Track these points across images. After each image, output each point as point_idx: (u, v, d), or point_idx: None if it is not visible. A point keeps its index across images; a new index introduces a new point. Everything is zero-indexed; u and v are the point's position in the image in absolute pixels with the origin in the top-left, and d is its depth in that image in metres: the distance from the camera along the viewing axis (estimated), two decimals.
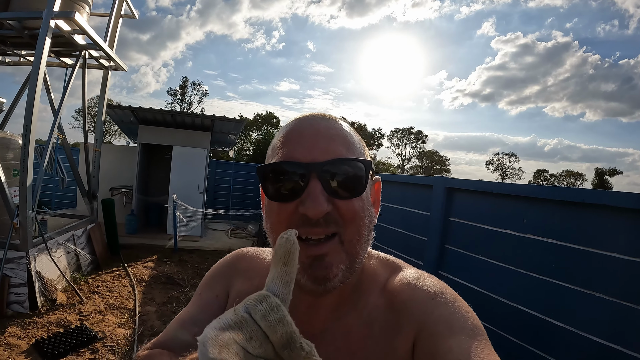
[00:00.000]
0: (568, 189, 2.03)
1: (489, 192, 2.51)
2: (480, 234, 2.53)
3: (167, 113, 8.08)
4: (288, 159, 0.57)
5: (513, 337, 2.14)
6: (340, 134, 0.60)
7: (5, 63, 5.86)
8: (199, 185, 8.85)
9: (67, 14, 4.29)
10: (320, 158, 0.55)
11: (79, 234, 5.55)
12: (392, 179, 4.00)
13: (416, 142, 56.37)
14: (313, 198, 0.53)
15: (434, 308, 0.58)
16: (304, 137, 0.58)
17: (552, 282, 1.96)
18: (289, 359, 0.36)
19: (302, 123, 0.61)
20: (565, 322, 1.86)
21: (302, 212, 0.53)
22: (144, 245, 7.53)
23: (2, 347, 3.33)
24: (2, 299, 3.84)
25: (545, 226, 2.07)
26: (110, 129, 36.89)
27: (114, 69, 6.38)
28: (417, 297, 0.60)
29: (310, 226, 0.54)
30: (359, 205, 0.57)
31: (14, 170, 4.50)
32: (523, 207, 2.23)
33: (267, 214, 0.61)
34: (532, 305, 2.07)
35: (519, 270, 2.18)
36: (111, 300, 4.70)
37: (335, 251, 0.55)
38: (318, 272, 0.54)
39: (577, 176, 54.15)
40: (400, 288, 0.63)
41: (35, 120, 4.19)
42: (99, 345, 3.61)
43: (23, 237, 4.06)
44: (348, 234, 0.56)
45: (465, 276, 2.62)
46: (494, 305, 2.30)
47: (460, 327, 0.54)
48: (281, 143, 0.60)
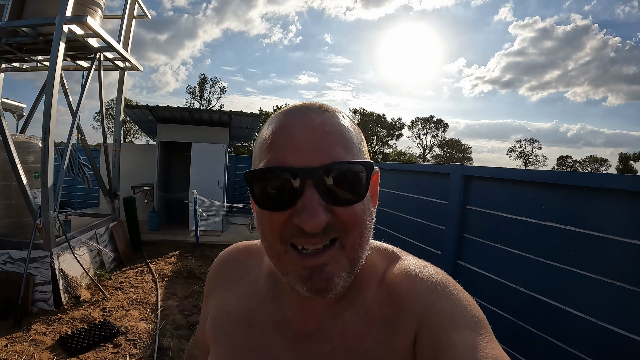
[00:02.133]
0: (586, 174, 1.95)
1: (507, 179, 2.44)
2: (499, 222, 2.47)
3: (185, 110, 8.17)
4: (278, 164, 0.50)
5: (532, 328, 2.09)
6: (337, 130, 0.53)
7: (23, 69, 6.02)
8: (219, 180, 8.94)
9: (80, 18, 4.37)
10: (315, 162, 0.49)
11: (102, 232, 5.69)
12: (408, 168, 3.95)
13: (437, 131, 55.62)
14: (310, 210, 0.47)
15: (435, 300, 0.54)
16: (295, 136, 0.51)
17: (572, 270, 1.90)
18: None
19: (292, 118, 0.54)
20: (585, 312, 1.80)
21: (298, 224, 0.49)
22: (166, 241, 7.67)
23: (28, 343, 3.45)
24: (28, 297, 3.98)
25: (564, 213, 2.00)
26: (131, 128, 37.74)
27: (129, 69, 6.48)
28: (417, 289, 0.56)
29: (307, 237, 0.49)
30: (360, 209, 0.52)
31: (35, 173, 4.64)
32: (541, 194, 2.16)
33: (258, 220, 0.55)
34: (552, 294, 2.01)
35: (538, 259, 2.11)
36: (134, 295, 4.81)
37: (336, 259, 0.51)
38: (318, 284, 0.50)
39: (601, 162, 53.29)
40: (399, 280, 0.59)
41: (53, 123, 4.30)
42: (122, 340, 3.70)
43: (46, 237, 4.19)
44: (350, 239, 0.51)
45: (484, 265, 2.57)
46: (513, 294, 2.25)
47: (463, 320, 0.51)
48: (270, 143, 0.53)
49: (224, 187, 9.00)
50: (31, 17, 4.50)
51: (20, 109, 6.29)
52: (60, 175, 4.72)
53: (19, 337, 3.53)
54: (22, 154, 4.50)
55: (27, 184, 4.27)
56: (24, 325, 3.76)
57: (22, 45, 4.91)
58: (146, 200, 9.40)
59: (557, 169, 50.01)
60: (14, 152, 4.23)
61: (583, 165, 53.76)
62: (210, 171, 8.81)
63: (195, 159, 8.76)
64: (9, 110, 6.16)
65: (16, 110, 6.27)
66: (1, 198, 4.54)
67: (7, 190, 4.53)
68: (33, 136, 5.06)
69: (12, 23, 4.35)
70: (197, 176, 8.69)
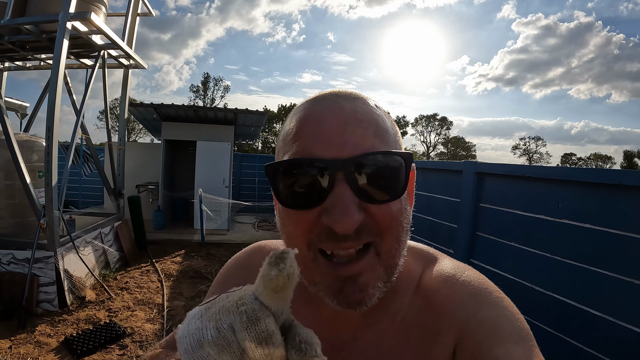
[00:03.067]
0: (603, 171, 1.91)
1: (521, 175, 2.41)
2: (513, 220, 2.44)
3: (190, 108, 8.13)
4: (305, 156, 0.45)
5: (548, 327, 2.06)
6: (371, 118, 0.47)
7: (26, 68, 6.00)
8: (224, 179, 8.90)
9: (83, 14, 4.32)
10: (347, 153, 0.43)
11: (107, 231, 5.65)
12: (419, 166, 3.88)
13: (441, 128, 55.63)
14: (342, 208, 0.42)
15: (477, 309, 0.50)
16: (325, 125, 0.46)
17: (589, 269, 1.87)
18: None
19: (321, 105, 0.48)
20: (604, 312, 1.78)
21: (327, 225, 0.43)
22: (171, 240, 7.64)
23: (32, 345, 3.41)
24: (32, 298, 3.93)
25: (581, 210, 1.97)
26: (135, 127, 37.80)
27: (133, 67, 6.44)
28: (457, 297, 0.52)
29: (337, 241, 0.43)
30: (397, 209, 0.46)
31: (39, 172, 4.59)
32: (557, 191, 2.13)
33: (282, 222, 0.49)
34: (568, 294, 1.98)
35: (554, 257, 2.09)
36: (139, 296, 4.77)
37: (371, 267, 0.45)
38: (352, 297, 0.45)
39: (606, 159, 53.31)
40: (437, 286, 0.55)
41: (57, 121, 4.26)
42: (128, 341, 3.65)
43: (50, 237, 4.14)
44: (386, 245, 0.46)
45: (498, 264, 2.54)
46: (528, 294, 2.22)
47: (507, 333, 0.47)
48: (295, 133, 0.48)
49: (230, 185, 8.96)
50: (34, 15, 4.46)
51: (24, 108, 6.26)
52: (64, 174, 4.68)
53: (23, 339, 3.49)
54: (26, 153, 4.45)
55: (30, 183, 4.23)
56: (28, 326, 3.71)
57: (25, 43, 4.88)
58: (151, 199, 9.38)
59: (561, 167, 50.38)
60: (17, 151, 4.19)
61: (587, 163, 53.92)
62: (216, 169, 8.77)
63: (200, 157, 8.72)
64: (13, 109, 6.13)
65: (20, 109, 6.24)
66: (5, 197, 4.50)
67: (11, 189, 4.49)
68: (34, 135, 5.03)
69: (15, 20, 4.32)
70: (203, 174, 8.64)
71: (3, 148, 4.33)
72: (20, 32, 4.59)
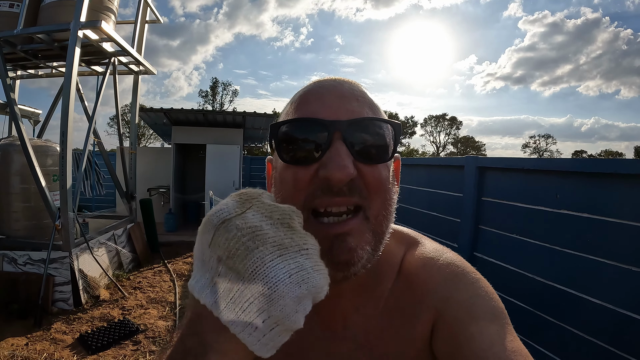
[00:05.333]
0: (599, 160, 1.94)
1: (521, 168, 2.43)
2: (515, 212, 2.45)
3: (199, 112, 8.25)
4: (308, 115, 0.50)
5: (552, 317, 2.06)
6: (366, 97, 0.53)
7: (38, 76, 6.17)
8: (234, 181, 9.01)
9: (94, 23, 4.45)
10: (344, 117, 0.48)
11: (119, 233, 5.78)
12: (422, 162, 3.93)
13: (450, 128, 55.20)
14: (338, 160, 0.45)
15: (454, 291, 0.53)
16: (326, 96, 0.51)
17: (589, 257, 1.88)
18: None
19: (323, 84, 0.54)
20: (603, 300, 1.78)
21: (324, 177, 0.46)
22: (183, 242, 7.73)
23: (49, 342, 3.53)
24: (48, 297, 4.06)
25: (580, 200, 1.98)
26: (145, 133, 38.20)
27: (143, 73, 6.58)
28: (435, 279, 0.55)
29: (331, 195, 0.46)
30: (385, 175, 0.50)
31: (53, 176, 4.73)
32: (556, 183, 2.14)
33: (280, 184, 0.52)
34: (569, 283, 1.98)
35: (555, 248, 2.09)
36: (152, 294, 4.87)
37: (360, 230, 0.48)
38: (340, 256, 0.46)
39: (617, 156, 52.46)
40: (417, 269, 0.58)
41: (71, 126, 4.39)
42: (141, 337, 3.75)
43: (65, 238, 4.27)
44: (374, 208, 0.49)
45: (501, 256, 2.54)
46: (531, 284, 2.23)
47: (481, 312, 0.50)
48: (298, 103, 0.53)
49: (240, 187, 9.04)
50: (46, 24, 4.59)
51: (37, 115, 6.43)
52: (78, 178, 4.82)
53: (39, 336, 3.61)
54: (41, 158, 4.60)
55: (45, 187, 4.37)
56: (44, 324, 3.84)
57: (37, 51, 5.03)
58: (162, 202, 9.52)
59: None
60: (32, 156, 4.33)
61: None
62: (226, 172, 8.88)
63: (210, 161, 8.84)
64: (26, 116, 6.29)
65: (32, 116, 6.41)
66: (21, 201, 4.65)
67: (27, 193, 4.64)
68: (48, 140, 5.18)
69: (28, 30, 4.45)
70: (213, 177, 8.76)
71: (19, 153, 4.48)
72: (33, 41, 4.73)
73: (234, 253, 0.37)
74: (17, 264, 4.24)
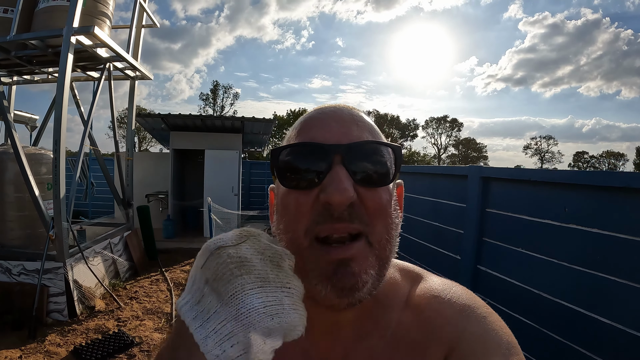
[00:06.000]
0: (609, 173, 1.86)
1: (527, 180, 2.35)
2: (520, 225, 2.38)
3: (197, 118, 8.19)
4: (308, 140, 0.50)
5: (555, 335, 2.00)
6: (366, 122, 0.54)
7: (34, 81, 6.12)
8: (233, 187, 8.95)
9: (87, 29, 4.38)
10: (344, 141, 0.49)
11: (116, 241, 5.71)
12: (424, 171, 3.88)
13: (451, 130, 55.34)
14: (337, 183, 0.45)
15: (466, 325, 0.52)
16: (326, 121, 0.52)
17: (597, 275, 1.81)
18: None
19: (323, 110, 0.55)
20: (612, 319, 1.72)
21: (324, 200, 0.46)
22: (181, 249, 7.68)
23: (42, 354, 3.45)
24: (42, 308, 3.99)
25: (588, 215, 1.91)
26: (145, 136, 38.27)
27: (139, 78, 6.52)
28: (446, 313, 0.54)
29: (332, 221, 0.46)
30: (386, 198, 0.50)
31: (47, 184, 4.66)
32: (563, 195, 2.07)
33: (283, 211, 0.52)
34: (576, 301, 1.92)
35: (562, 263, 2.02)
36: (148, 305, 4.79)
37: (363, 255, 0.47)
38: (344, 281, 0.46)
39: (618, 156, 52.69)
40: (426, 302, 0.56)
41: (64, 134, 4.32)
42: (136, 351, 3.67)
43: (59, 248, 4.20)
44: (376, 233, 0.48)
45: (505, 270, 2.47)
46: (536, 300, 2.16)
47: (495, 347, 0.49)
48: (299, 130, 0.53)
49: (239, 193, 8.99)
50: (39, 30, 4.53)
51: (33, 121, 6.38)
52: (72, 185, 4.74)
53: (33, 349, 3.53)
54: (34, 166, 4.53)
55: (39, 196, 4.29)
56: (38, 336, 3.76)
57: (31, 57, 4.97)
58: (161, 208, 9.45)
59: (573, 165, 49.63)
60: (25, 164, 4.26)
61: (600, 161, 53.25)
62: (225, 178, 8.82)
63: (209, 166, 8.78)
64: (22, 122, 6.25)
65: (29, 122, 6.35)
66: (15, 210, 4.58)
67: (21, 202, 4.57)
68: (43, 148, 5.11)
69: (21, 36, 4.39)
70: (211, 183, 8.70)
71: (12, 161, 4.41)
72: (27, 47, 4.66)
73: (220, 277, 0.39)
74: (12, 274, 4.17)
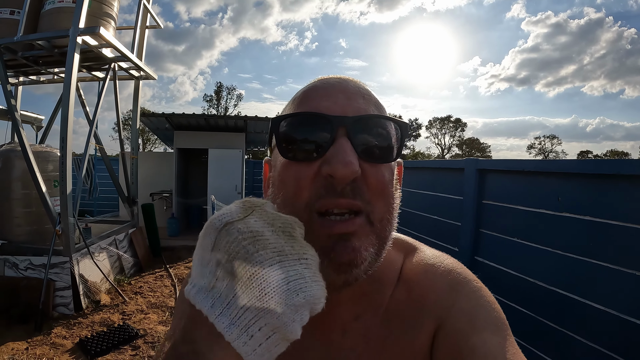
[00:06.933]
0: (601, 161, 1.89)
1: (522, 170, 2.37)
2: (516, 215, 2.40)
3: (201, 117, 8.27)
4: (312, 110, 0.48)
5: (553, 323, 2.02)
6: (372, 95, 0.52)
7: (40, 82, 6.22)
8: (236, 185, 9.01)
9: (93, 29, 4.48)
10: (350, 113, 0.47)
11: (121, 238, 5.80)
12: (422, 165, 3.90)
13: (455, 130, 54.97)
14: (342, 156, 0.43)
15: (456, 299, 0.52)
16: (331, 91, 0.50)
17: (593, 262, 1.82)
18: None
19: (327, 80, 0.53)
20: (608, 305, 1.73)
21: (327, 173, 0.44)
22: (185, 246, 7.75)
23: (48, 346, 3.53)
24: (48, 302, 4.07)
25: (582, 203, 1.93)
26: (150, 138, 38.44)
27: (144, 78, 6.61)
28: (437, 287, 0.54)
29: (334, 196, 0.44)
30: (388, 177, 0.49)
31: (54, 182, 4.75)
32: (557, 184, 2.09)
33: (281, 184, 0.49)
34: (572, 288, 1.93)
35: (557, 252, 2.04)
36: (153, 299, 4.87)
37: (364, 232, 0.46)
38: (343, 256, 0.44)
39: (623, 155, 52.06)
40: (418, 277, 0.56)
41: (70, 132, 4.41)
42: (140, 342, 3.75)
43: (65, 243, 4.29)
44: (378, 211, 0.47)
45: (502, 261, 2.50)
46: (532, 289, 2.19)
47: (484, 322, 0.49)
48: (301, 99, 0.51)
49: (242, 191, 9.06)
50: (45, 30, 4.63)
51: (39, 121, 6.49)
52: (78, 183, 4.84)
53: (39, 341, 3.62)
54: (42, 163, 4.63)
55: (46, 192, 4.39)
56: (44, 329, 3.85)
57: (38, 58, 5.07)
58: (165, 206, 9.54)
59: None
60: (33, 162, 4.36)
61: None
62: (228, 176, 8.89)
63: (212, 165, 8.85)
64: (28, 122, 6.35)
65: (35, 122, 6.46)
66: (22, 206, 4.67)
67: (28, 198, 4.66)
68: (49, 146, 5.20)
69: (27, 37, 4.49)
70: (215, 182, 8.77)
71: (20, 159, 4.51)
72: (33, 48, 4.77)
73: (233, 256, 0.36)
74: (19, 269, 4.26)
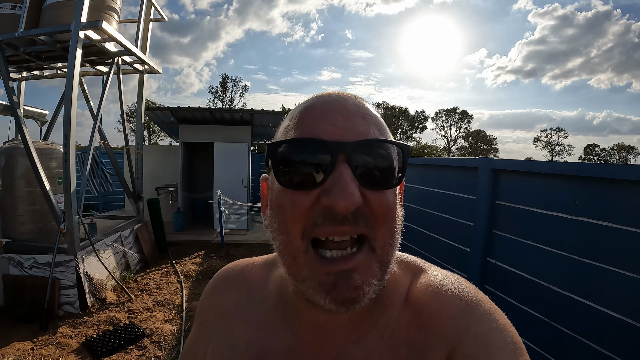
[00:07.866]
0: (621, 166, 1.82)
1: (537, 172, 2.31)
2: (530, 217, 2.33)
3: (206, 111, 8.20)
4: (309, 134, 0.45)
5: (566, 329, 1.97)
6: (372, 114, 0.49)
7: (43, 77, 6.15)
8: (242, 179, 8.96)
9: (95, 23, 4.39)
10: (350, 138, 0.44)
11: (127, 234, 5.77)
12: (434, 163, 3.84)
13: (461, 122, 54.90)
14: (343, 186, 0.41)
15: (469, 323, 0.48)
16: (330, 114, 0.47)
17: (609, 268, 1.77)
18: None
19: (325, 99, 0.49)
20: (624, 314, 1.68)
21: (327, 205, 0.42)
22: (191, 241, 7.74)
23: (54, 346, 3.50)
24: (53, 301, 4.04)
25: (600, 208, 1.87)
26: (155, 130, 38.55)
27: (148, 72, 6.53)
28: (448, 310, 0.50)
29: (334, 223, 0.42)
30: (392, 200, 0.46)
31: (58, 178, 4.71)
32: (575, 188, 2.03)
33: (277, 208, 0.47)
34: (587, 294, 1.88)
35: (573, 256, 1.98)
36: (159, 297, 4.84)
37: (366, 264, 0.44)
38: (345, 294, 0.43)
39: (629, 149, 51.91)
40: (427, 298, 0.52)
41: (74, 128, 4.35)
42: (147, 342, 3.71)
43: (70, 241, 4.25)
44: (381, 237, 0.45)
45: (515, 263, 2.44)
46: (546, 293, 2.13)
47: (500, 348, 0.45)
48: (298, 120, 0.48)
49: (249, 185, 9.00)
50: (47, 25, 4.55)
51: (43, 116, 6.44)
52: (82, 180, 4.79)
53: (45, 340, 3.59)
54: (45, 160, 4.57)
55: (50, 190, 4.34)
56: (50, 328, 3.82)
57: (40, 53, 4.98)
58: (171, 201, 9.52)
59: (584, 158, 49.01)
60: (36, 159, 4.31)
61: (611, 154, 52.63)
62: (234, 170, 8.84)
63: (218, 159, 8.81)
64: (32, 117, 6.30)
65: (39, 117, 6.41)
66: (26, 204, 4.63)
67: (32, 196, 4.61)
68: (53, 142, 5.15)
69: (29, 32, 4.41)
70: (221, 175, 8.73)
71: (23, 156, 4.46)
72: (35, 43, 4.69)
73: None
74: (24, 268, 4.23)
